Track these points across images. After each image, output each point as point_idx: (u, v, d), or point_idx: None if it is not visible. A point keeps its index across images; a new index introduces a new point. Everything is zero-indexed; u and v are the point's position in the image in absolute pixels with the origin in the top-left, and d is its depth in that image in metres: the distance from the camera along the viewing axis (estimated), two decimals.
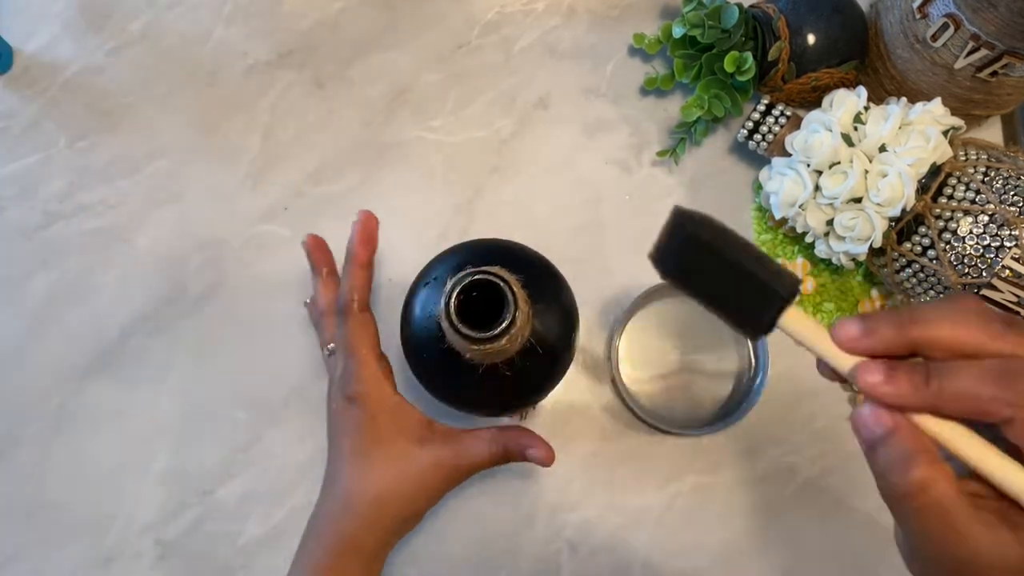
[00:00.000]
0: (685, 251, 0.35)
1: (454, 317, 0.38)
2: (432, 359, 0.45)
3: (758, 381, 0.57)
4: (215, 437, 0.59)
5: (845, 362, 0.31)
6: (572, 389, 0.59)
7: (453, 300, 0.38)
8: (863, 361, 0.30)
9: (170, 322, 0.60)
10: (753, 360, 0.59)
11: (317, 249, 0.54)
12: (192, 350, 0.60)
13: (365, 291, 0.51)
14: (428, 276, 0.47)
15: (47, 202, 0.62)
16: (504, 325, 0.38)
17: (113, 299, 0.61)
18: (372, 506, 0.46)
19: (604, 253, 0.61)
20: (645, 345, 0.59)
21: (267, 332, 0.60)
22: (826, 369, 0.32)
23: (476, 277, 0.38)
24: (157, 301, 0.61)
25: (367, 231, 0.51)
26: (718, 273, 0.34)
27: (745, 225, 0.62)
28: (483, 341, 0.38)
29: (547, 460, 0.48)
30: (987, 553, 0.28)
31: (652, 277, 0.60)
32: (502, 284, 0.38)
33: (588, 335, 0.60)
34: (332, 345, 0.51)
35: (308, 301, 0.55)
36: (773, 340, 0.58)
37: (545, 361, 0.45)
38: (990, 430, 0.28)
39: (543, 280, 0.47)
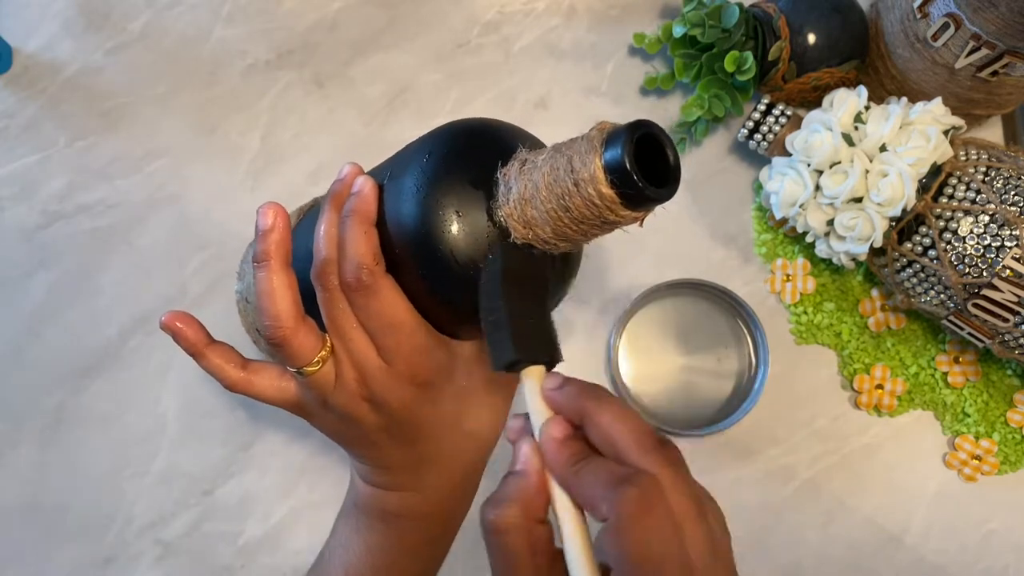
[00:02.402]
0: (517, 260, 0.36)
1: (635, 170, 0.32)
2: (437, 263, 0.35)
3: (758, 381, 0.57)
4: (215, 437, 0.59)
5: (542, 415, 0.33)
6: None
7: (628, 154, 0.33)
8: (555, 417, 0.32)
9: None
10: (753, 360, 0.59)
11: (351, 177, 0.42)
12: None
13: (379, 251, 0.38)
14: (407, 162, 0.39)
15: (47, 202, 0.62)
16: (675, 178, 0.34)
17: (113, 299, 0.61)
18: (441, 498, 0.43)
19: (604, 253, 0.61)
20: (645, 345, 0.59)
21: None
22: (514, 427, 0.34)
23: (648, 131, 0.34)
24: (156, 301, 0.61)
25: (373, 184, 0.40)
26: (520, 301, 0.35)
27: (745, 225, 0.61)
28: (662, 199, 0.34)
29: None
30: None
31: (652, 277, 0.60)
32: (665, 139, 0.35)
33: (588, 335, 0.60)
34: (320, 356, 0.39)
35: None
36: (773, 340, 0.58)
37: (568, 264, 0.41)
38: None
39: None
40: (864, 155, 0.52)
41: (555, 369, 0.35)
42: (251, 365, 0.42)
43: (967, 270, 0.50)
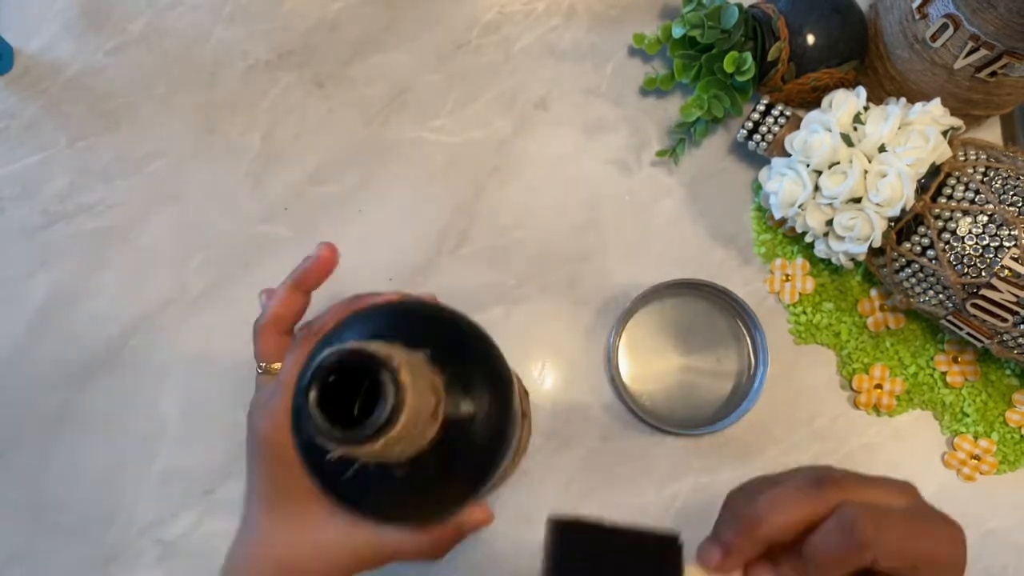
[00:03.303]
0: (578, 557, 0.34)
1: (314, 411, 0.28)
2: (324, 457, 0.31)
3: (758, 381, 0.57)
4: (215, 437, 0.59)
5: None
6: (572, 389, 0.59)
7: (313, 390, 0.28)
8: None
9: (170, 322, 0.60)
10: (753, 360, 0.59)
11: (326, 262, 0.45)
12: (192, 350, 0.60)
13: (288, 320, 0.44)
14: (325, 346, 0.35)
15: (47, 202, 0.62)
16: (381, 422, 0.28)
17: (113, 299, 0.61)
18: (274, 571, 0.41)
19: (604, 253, 0.61)
20: (645, 345, 0.59)
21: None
22: None
23: (342, 356, 0.28)
24: (157, 301, 0.61)
25: (328, 262, 0.45)
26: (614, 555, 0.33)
27: (744, 225, 0.62)
28: (352, 442, 0.28)
29: (488, 520, 0.41)
30: None
31: (652, 277, 0.61)
32: (378, 365, 0.28)
33: (588, 335, 0.60)
34: (266, 364, 0.43)
35: (263, 292, 0.45)
36: (772, 340, 0.58)
37: (469, 450, 0.35)
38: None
39: (463, 348, 0.37)
40: (863, 155, 0.52)
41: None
42: (287, 332, 0.44)
43: (966, 270, 0.50)
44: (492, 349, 0.38)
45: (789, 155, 0.56)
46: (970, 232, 0.50)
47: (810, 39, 0.57)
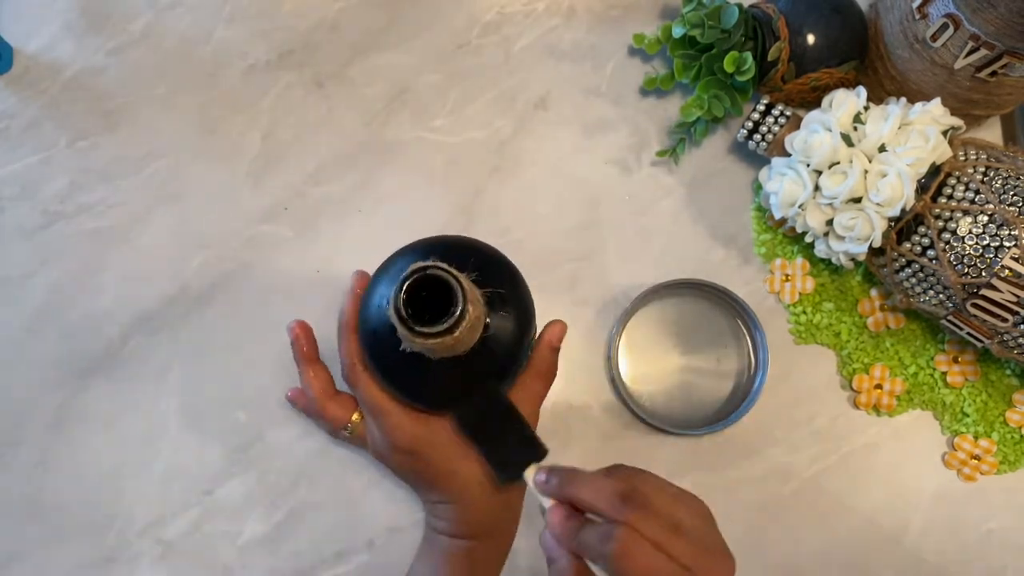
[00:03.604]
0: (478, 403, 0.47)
1: (403, 313, 0.38)
2: (390, 355, 0.44)
3: (758, 381, 0.57)
4: (215, 437, 0.59)
5: (547, 503, 0.43)
6: (572, 389, 0.59)
7: (402, 296, 0.38)
8: (554, 504, 0.42)
9: (170, 322, 0.60)
10: (753, 360, 0.59)
11: (305, 337, 0.55)
12: (192, 350, 0.60)
13: (360, 351, 0.50)
14: (383, 273, 0.48)
15: (47, 202, 0.62)
16: (453, 320, 0.38)
17: (113, 299, 0.61)
18: (476, 528, 0.51)
19: (604, 253, 0.61)
20: (645, 345, 0.59)
21: (267, 332, 0.60)
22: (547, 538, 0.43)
23: (425, 272, 0.39)
24: (157, 301, 0.61)
25: (358, 298, 0.51)
26: (495, 428, 0.47)
27: (745, 225, 0.62)
28: (432, 336, 0.38)
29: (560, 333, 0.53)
30: None
31: (652, 277, 0.61)
32: (450, 279, 0.38)
33: (588, 335, 0.60)
34: (351, 423, 0.54)
35: (290, 394, 0.57)
36: (772, 340, 0.58)
37: (500, 356, 0.46)
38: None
39: (499, 276, 0.47)
40: (863, 155, 0.52)
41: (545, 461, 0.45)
42: (335, 395, 0.55)
43: (966, 270, 0.50)
44: (518, 277, 0.48)
45: (789, 155, 0.56)
46: (970, 232, 0.50)
47: (810, 39, 0.57)
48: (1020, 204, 0.49)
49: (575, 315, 0.60)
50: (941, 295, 0.52)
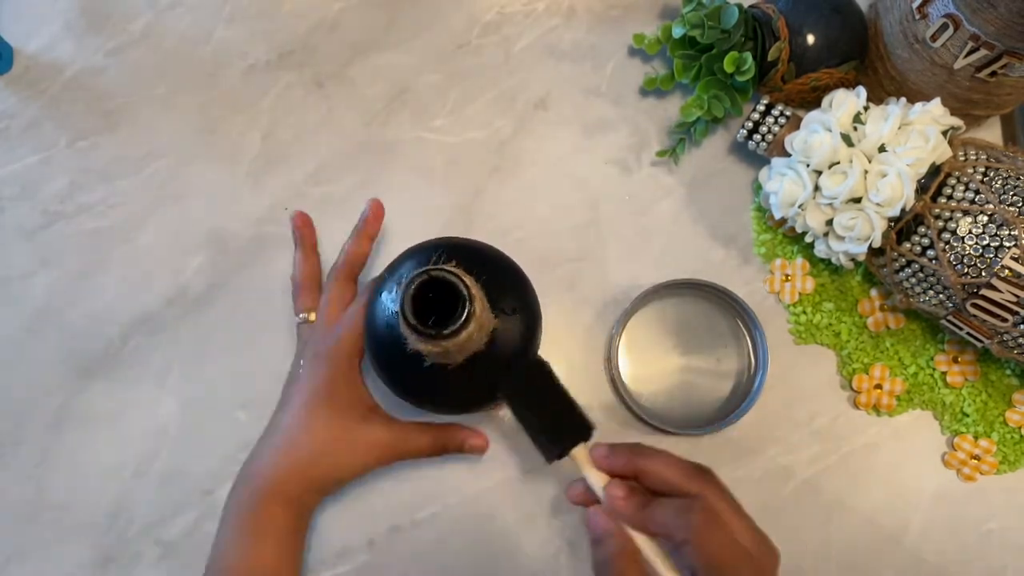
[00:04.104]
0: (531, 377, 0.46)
1: (410, 316, 0.38)
2: (395, 357, 0.45)
3: (758, 381, 0.57)
4: (215, 437, 0.59)
5: (600, 480, 0.43)
6: (572, 389, 0.59)
7: (409, 298, 0.39)
8: (613, 480, 0.42)
9: (170, 322, 0.60)
10: (753, 360, 0.59)
11: (304, 225, 0.58)
12: (192, 350, 0.60)
13: (359, 263, 0.56)
14: (390, 276, 0.48)
15: (47, 202, 0.62)
16: (460, 323, 0.38)
17: (113, 299, 0.61)
18: (306, 459, 0.50)
19: (604, 253, 0.61)
20: (645, 345, 0.59)
21: (267, 332, 0.60)
22: (574, 493, 0.44)
23: (430, 275, 0.39)
24: (157, 301, 0.61)
25: (379, 209, 0.56)
26: (544, 404, 0.45)
27: (744, 225, 0.62)
28: (439, 338, 0.38)
29: (483, 447, 0.54)
30: None
31: (652, 277, 0.61)
32: (457, 280, 0.39)
33: (588, 335, 0.60)
34: (304, 315, 0.55)
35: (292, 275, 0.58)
36: (772, 340, 0.58)
37: (508, 356, 0.45)
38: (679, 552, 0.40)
39: (506, 280, 0.48)
40: (863, 155, 0.52)
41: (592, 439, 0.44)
42: (313, 288, 0.57)
43: (966, 270, 0.50)
44: (523, 277, 0.49)
45: (789, 155, 0.56)
46: (970, 232, 0.50)
47: (810, 39, 0.57)
48: (1020, 204, 0.49)
49: (575, 315, 0.60)
50: (941, 295, 0.52)
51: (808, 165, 0.53)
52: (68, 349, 0.60)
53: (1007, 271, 0.49)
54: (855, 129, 0.53)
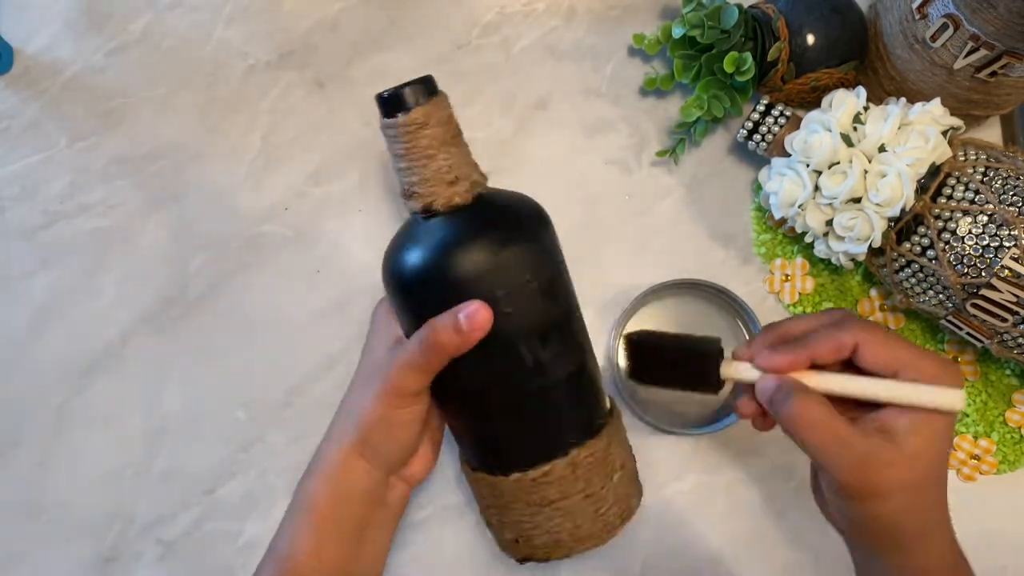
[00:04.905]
0: (645, 360, 0.50)
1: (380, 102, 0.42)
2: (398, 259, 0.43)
3: None
4: (215, 437, 0.59)
5: (753, 373, 0.43)
6: None
7: (380, 99, 0.42)
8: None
9: (170, 322, 0.60)
10: None
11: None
12: (192, 350, 0.60)
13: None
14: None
15: (47, 202, 0.62)
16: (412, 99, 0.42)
17: (113, 299, 0.61)
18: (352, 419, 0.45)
19: (604, 253, 0.61)
20: None
21: (267, 332, 0.60)
22: (743, 405, 0.45)
23: (403, 88, 0.42)
24: (157, 301, 0.61)
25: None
26: (670, 363, 0.48)
27: (744, 225, 0.62)
28: (399, 107, 0.42)
29: (481, 314, 0.40)
30: (866, 450, 0.39)
31: (652, 277, 0.61)
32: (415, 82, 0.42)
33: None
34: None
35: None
36: None
37: (499, 222, 0.43)
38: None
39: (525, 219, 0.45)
40: (863, 155, 0.52)
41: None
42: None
43: (966, 270, 0.50)
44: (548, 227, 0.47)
45: (789, 155, 0.56)
46: (970, 232, 0.50)
47: (810, 39, 0.57)
48: (1020, 204, 0.49)
49: None
50: (941, 295, 0.52)
51: (808, 165, 0.53)
52: (68, 349, 0.60)
53: (1007, 271, 0.49)
54: (855, 129, 0.53)
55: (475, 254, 0.41)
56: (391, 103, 0.43)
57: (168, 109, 0.64)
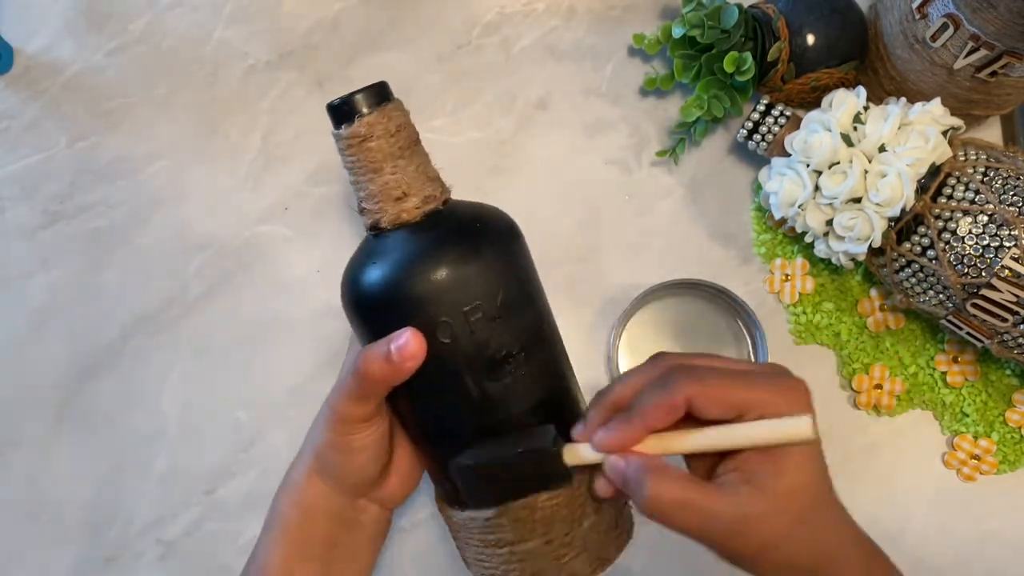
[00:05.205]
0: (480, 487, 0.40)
1: (330, 112, 0.39)
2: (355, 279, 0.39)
3: None
4: (215, 437, 0.59)
5: (597, 454, 0.37)
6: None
7: (331, 108, 0.39)
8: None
9: (170, 322, 0.60)
10: (752, 360, 0.59)
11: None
12: (192, 350, 0.60)
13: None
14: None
15: (48, 202, 0.62)
16: (361, 108, 0.39)
17: (113, 299, 0.61)
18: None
19: (604, 253, 0.61)
20: (645, 345, 0.59)
21: (267, 332, 0.60)
22: (601, 486, 0.39)
23: (352, 96, 0.39)
24: (157, 301, 0.61)
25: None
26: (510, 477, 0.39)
27: (744, 225, 0.62)
28: (348, 113, 0.39)
29: (413, 344, 0.37)
30: (735, 512, 0.35)
31: (652, 277, 0.61)
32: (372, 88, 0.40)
33: (588, 335, 0.60)
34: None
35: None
36: (772, 340, 0.58)
37: (461, 236, 0.39)
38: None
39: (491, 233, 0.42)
40: (863, 155, 0.52)
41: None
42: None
43: (966, 270, 0.50)
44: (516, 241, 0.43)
45: (789, 155, 0.56)
46: (970, 232, 0.50)
47: (810, 39, 0.57)
48: (1020, 204, 0.49)
49: (575, 315, 0.60)
50: (941, 295, 0.52)
51: (808, 165, 0.53)
52: (68, 349, 0.60)
53: (1007, 271, 0.49)
54: (855, 129, 0.53)
55: (414, 277, 0.37)
56: (339, 113, 0.40)
57: (168, 109, 0.64)
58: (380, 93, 0.41)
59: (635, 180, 0.62)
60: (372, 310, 0.39)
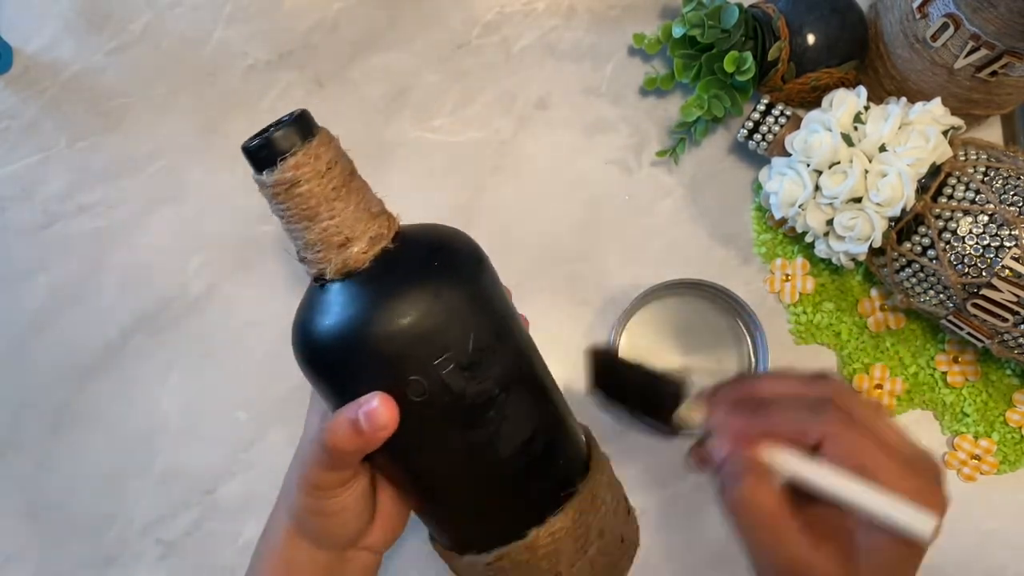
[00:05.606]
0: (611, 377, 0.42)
1: (247, 159, 0.35)
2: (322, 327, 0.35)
3: None
4: (215, 437, 0.59)
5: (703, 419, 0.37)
6: (572, 389, 0.59)
7: (248, 151, 0.35)
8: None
9: (170, 322, 0.60)
10: (753, 360, 0.59)
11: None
12: (192, 350, 0.60)
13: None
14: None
15: (47, 202, 0.62)
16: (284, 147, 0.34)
17: (113, 299, 0.61)
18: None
19: (604, 253, 0.61)
20: (645, 345, 0.59)
21: (267, 332, 0.60)
22: (696, 455, 0.38)
23: (273, 133, 0.35)
24: (157, 301, 0.61)
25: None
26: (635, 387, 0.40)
27: (745, 225, 0.62)
28: (268, 152, 0.34)
29: (383, 411, 0.33)
30: (806, 558, 0.33)
31: (652, 277, 0.61)
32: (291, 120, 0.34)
33: (588, 335, 0.60)
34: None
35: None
36: (772, 340, 0.58)
37: (416, 275, 0.35)
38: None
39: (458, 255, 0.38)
40: (863, 155, 0.52)
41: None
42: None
43: (966, 270, 0.50)
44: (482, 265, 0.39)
45: (789, 155, 0.55)
46: (970, 232, 0.50)
47: (810, 39, 0.57)
48: (1020, 204, 0.49)
49: (575, 315, 0.60)
50: (941, 295, 0.52)
51: (808, 165, 0.53)
52: (68, 349, 0.60)
53: (1007, 271, 0.49)
54: (855, 129, 0.53)
55: (375, 336, 0.33)
56: (258, 157, 0.35)
57: (168, 109, 0.64)
58: (303, 127, 0.36)
59: (635, 180, 0.62)
60: (331, 369, 0.35)
